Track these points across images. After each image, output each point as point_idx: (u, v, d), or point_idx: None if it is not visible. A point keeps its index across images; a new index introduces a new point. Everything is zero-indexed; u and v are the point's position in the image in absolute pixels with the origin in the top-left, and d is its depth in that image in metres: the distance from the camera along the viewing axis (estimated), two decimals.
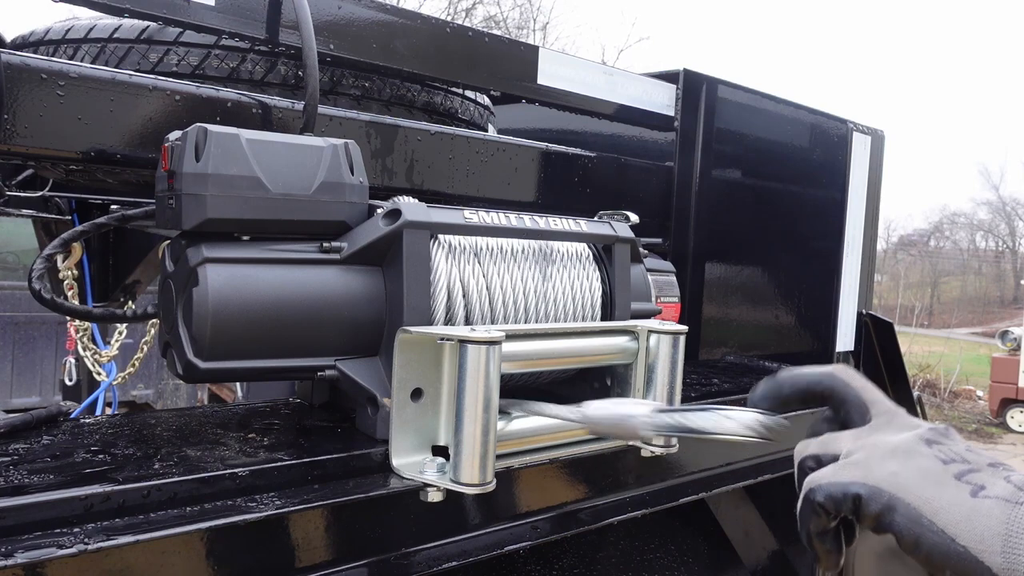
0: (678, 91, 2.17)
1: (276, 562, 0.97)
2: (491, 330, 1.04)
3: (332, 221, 1.15)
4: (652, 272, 1.55)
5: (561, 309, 1.31)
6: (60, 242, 1.23)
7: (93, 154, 1.17)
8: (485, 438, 1.03)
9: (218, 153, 1.04)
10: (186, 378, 1.06)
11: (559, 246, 1.34)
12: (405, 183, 1.53)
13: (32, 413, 1.13)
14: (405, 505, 1.10)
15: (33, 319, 6.02)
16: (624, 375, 1.32)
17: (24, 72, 1.10)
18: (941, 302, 38.09)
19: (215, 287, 1.03)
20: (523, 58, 1.79)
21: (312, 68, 1.28)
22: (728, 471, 1.67)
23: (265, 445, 1.10)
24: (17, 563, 0.77)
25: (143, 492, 0.91)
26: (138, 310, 1.31)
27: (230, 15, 1.34)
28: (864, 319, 2.12)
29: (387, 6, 1.54)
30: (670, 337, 1.27)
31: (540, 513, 1.27)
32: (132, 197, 1.97)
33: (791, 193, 2.18)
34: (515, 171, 1.74)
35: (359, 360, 1.16)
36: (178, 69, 1.50)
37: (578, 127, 2.37)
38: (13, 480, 0.90)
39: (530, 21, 19.74)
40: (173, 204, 1.06)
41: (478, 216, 1.22)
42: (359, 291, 1.15)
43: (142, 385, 6.01)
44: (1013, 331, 14.32)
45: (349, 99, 1.60)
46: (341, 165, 1.15)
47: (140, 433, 1.14)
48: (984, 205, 52.90)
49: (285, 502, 0.97)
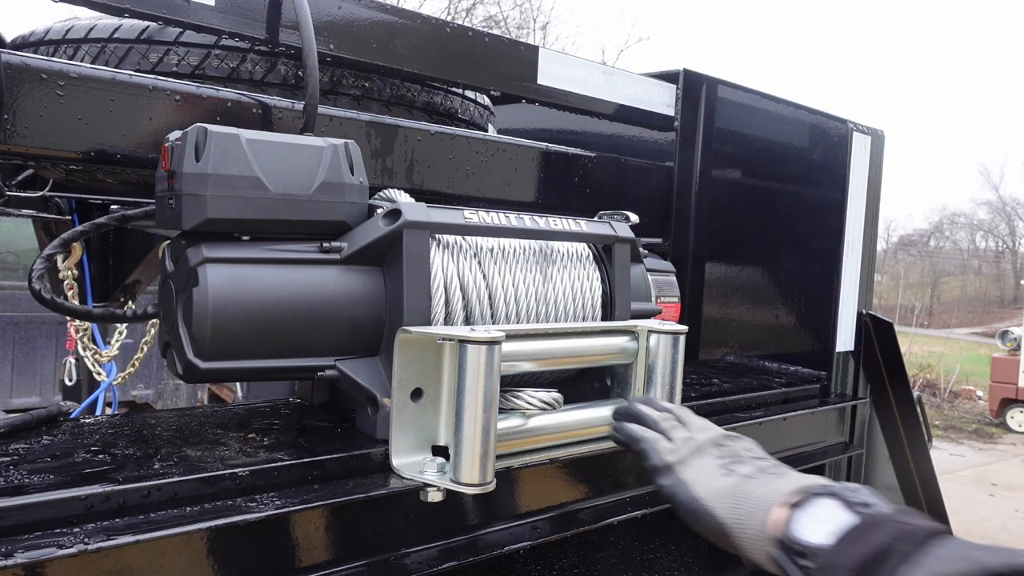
0: (678, 91, 2.17)
1: (276, 562, 0.97)
2: (491, 330, 1.04)
3: (332, 221, 1.15)
4: (652, 272, 1.55)
5: (561, 309, 1.31)
6: (60, 242, 1.23)
7: (93, 154, 1.17)
8: (485, 438, 1.03)
9: (218, 153, 1.04)
10: (186, 378, 1.06)
11: (559, 246, 1.34)
12: (405, 183, 1.53)
13: (32, 413, 1.13)
14: (405, 505, 1.10)
15: (33, 319, 6.02)
16: (624, 375, 1.32)
17: (24, 72, 1.10)
18: (941, 302, 38.07)
19: (215, 287, 1.03)
20: (523, 58, 1.79)
21: (312, 68, 1.28)
22: None
23: (265, 445, 1.10)
24: (17, 563, 0.77)
25: (143, 492, 0.91)
26: (138, 310, 1.31)
27: (230, 15, 1.34)
28: (864, 319, 2.12)
29: (387, 6, 1.54)
30: (670, 337, 1.27)
31: (540, 513, 1.27)
32: (132, 197, 1.97)
33: (791, 193, 2.17)
34: (515, 171, 1.74)
35: (359, 360, 1.16)
36: (178, 69, 1.50)
37: (578, 127, 2.37)
38: (13, 480, 0.90)
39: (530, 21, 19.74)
40: (173, 204, 1.06)
41: (478, 216, 1.22)
42: (359, 291, 1.15)
43: (142, 385, 6.01)
44: (1013, 331, 14.31)
45: (349, 99, 1.60)
46: (341, 165, 1.15)
47: (140, 433, 1.14)
48: (984, 205, 52.92)
49: (285, 502, 0.97)
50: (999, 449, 12.45)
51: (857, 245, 2.09)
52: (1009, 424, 13.76)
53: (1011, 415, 13.78)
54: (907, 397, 2.20)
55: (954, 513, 2.42)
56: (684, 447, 1.05)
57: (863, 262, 2.11)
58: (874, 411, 2.21)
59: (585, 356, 1.27)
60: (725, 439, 1.06)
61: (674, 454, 1.05)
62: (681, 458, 1.04)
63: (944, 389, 16.87)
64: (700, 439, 1.06)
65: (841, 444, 2.05)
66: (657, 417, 1.12)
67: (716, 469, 0.99)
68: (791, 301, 2.15)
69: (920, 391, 13.17)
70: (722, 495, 0.95)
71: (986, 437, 13.25)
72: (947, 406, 15.80)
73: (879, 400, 2.20)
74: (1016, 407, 13.75)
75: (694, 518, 0.98)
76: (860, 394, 2.14)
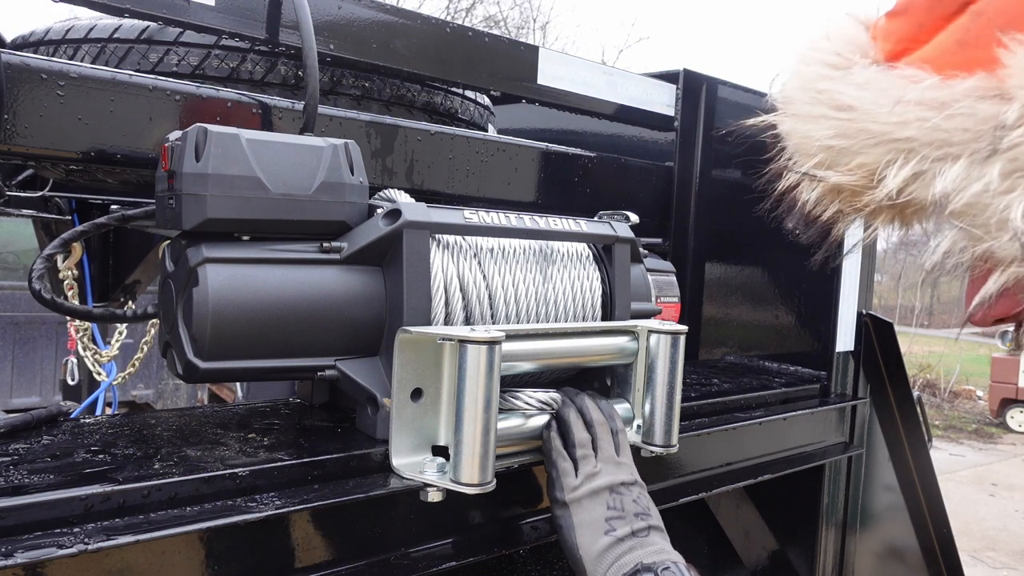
0: (678, 91, 2.17)
1: (276, 562, 0.97)
2: (491, 330, 1.04)
3: (332, 221, 1.15)
4: (652, 272, 1.55)
5: (561, 309, 1.31)
6: (60, 242, 1.23)
7: (93, 154, 1.17)
8: (485, 438, 1.03)
9: (218, 153, 1.04)
10: (186, 378, 1.06)
11: (559, 246, 1.34)
12: (405, 183, 1.53)
13: (32, 413, 1.13)
14: (405, 505, 1.10)
15: (33, 319, 6.02)
16: (624, 375, 1.32)
17: (24, 72, 1.10)
18: (941, 302, 38.07)
19: (215, 287, 1.03)
20: (523, 58, 1.79)
21: (312, 68, 1.28)
22: (728, 471, 1.67)
23: (265, 445, 1.10)
24: (17, 563, 0.77)
25: (143, 492, 0.91)
26: (138, 310, 1.31)
27: (230, 15, 1.34)
28: (864, 319, 2.12)
29: (387, 6, 1.54)
30: (670, 337, 1.27)
31: (540, 513, 1.27)
32: (132, 197, 1.97)
33: None
34: (515, 171, 1.74)
35: (359, 360, 1.16)
36: (178, 69, 1.50)
37: (578, 127, 2.37)
38: (13, 480, 0.90)
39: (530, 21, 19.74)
40: (173, 204, 1.06)
41: (478, 216, 1.22)
42: (359, 291, 1.15)
43: (142, 385, 6.01)
44: None
45: (349, 99, 1.60)
46: (341, 165, 1.15)
47: (140, 433, 1.14)
48: None
49: (285, 502, 0.97)
50: (999, 449, 12.45)
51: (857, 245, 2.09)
52: (1009, 424, 13.76)
53: (1011, 415, 13.79)
54: (907, 397, 2.20)
55: (954, 513, 2.42)
56: (584, 487, 1.12)
57: (863, 262, 2.11)
58: (874, 411, 2.21)
59: (585, 356, 1.27)
60: (621, 487, 1.13)
61: (573, 492, 1.12)
62: (577, 499, 1.12)
63: (944, 389, 16.87)
64: (598, 484, 1.12)
65: (841, 444, 2.06)
66: (578, 443, 1.15)
67: (601, 524, 1.09)
68: (791, 301, 2.15)
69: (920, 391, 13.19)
70: (595, 556, 1.08)
71: (986, 437, 13.25)
72: (947, 406, 15.80)
73: (879, 400, 2.20)
74: (1016, 407, 13.76)
75: (570, 560, 1.11)
76: (860, 394, 2.14)
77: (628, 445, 1.20)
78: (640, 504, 1.13)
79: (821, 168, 0.71)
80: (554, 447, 1.16)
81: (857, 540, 2.22)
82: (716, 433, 1.62)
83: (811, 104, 0.71)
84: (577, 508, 1.11)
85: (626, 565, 1.05)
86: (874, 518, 2.29)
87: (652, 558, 1.06)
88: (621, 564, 1.06)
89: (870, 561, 2.28)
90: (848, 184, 0.69)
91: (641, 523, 1.11)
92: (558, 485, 1.13)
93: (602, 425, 1.18)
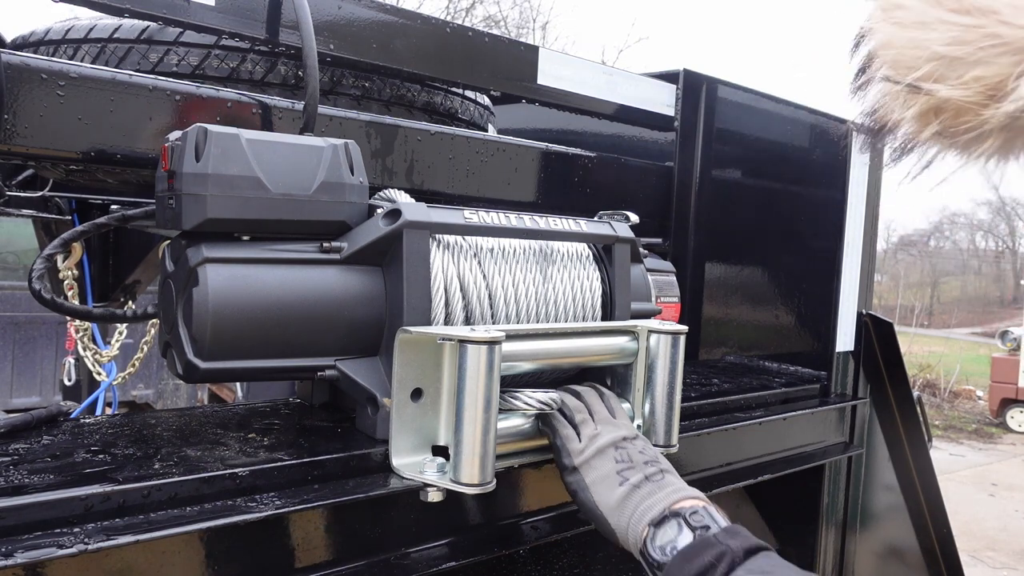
0: (678, 91, 2.17)
1: (276, 562, 0.97)
2: (491, 330, 1.04)
3: (332, 221, 1.15)
4: (652, 272, 1.55)
5: (561, 309, 1.31)
6: (60, 242, 1.23)
7: (93, 154, 1.17)
8: (485, 438, 1.03)
9: (218, 153, 1.04)
10: (186, 378, 1.06)
11: (559, 246, 1.34)
12: (405, 183, 1.53)
13: (32, 413, 1.13)
14: (405, 505, 1.10)
15: (33, 319, 6.02)
16: (624, 375, 1.32)
17: (24, 72, 1.10)
18: (941, 302, 38.08)
19: (215, 287, 1.03)
20: (523, 58, 1.79)
21: (312, 68, 1.28)
22: (728, 471, 1.67)
23: (265, 445, 1.10)
24: (17, 563, 0.77)
25: (143, 492, 0.91)
26: (138, 310, 1.31)
27: (230, 15, 1.34)
28: (864, 319, 2.12)
29: (387, 6, 1.54)
30: (670, 337, 1.27)
31: (540, 513, 1.27)
32: (132, 197, 1.97)
33: (791, 193, 2.17)
34: (515, 171, 1.74)
35: (359, 360, 1.16)
36: (178, 69, 1.50)
37: (578, 127, 2.37)
38: (13, 480, 0.90)
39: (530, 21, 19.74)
40: (173, 204, 1.06)
41: (478, 216, 1.22)
42: (359, 291, 1.15)
43: (142, 385, 6.01)
44: (1013, 331, 14.32)
45: (349, 99, 1.60)
46: (341, 165, 1.15)
47: (140, 433, 1.14)
48: (984, 205, 52.84)
49: (285, 502, 0.97)
50: (999, 449, 12.46)
51: (857, 245, 2.09)
52: (1009, 424, 13.77)
53: (1011, 415, 13.79)
54: (907, 397, 2.20)
55: (954, 513, 2.42)
56: (589, 448, 1.13)
57: (863, 262, 2.11)
58: (874, 411, 2.21)
59: (585, 356, 1.27)
60: (624, 441, 1.14)
61: (580, 455, 1.13)
62: (586, 460, 1.13)
63: (944, 389, 16.88)
64: (602, 443, 1.14)
65: (841, 444, 2.06)
66: (573, 409, 1.18)
67: (613, 477, 1.10)
68: (791, 301, 2.15)
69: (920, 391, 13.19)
70: (615, 505, 1.08)
71: (986, 437, 13.26)
72: (947, 406, 15.80)
73: (879, 400, 2.20)
74: (1016, 407, 13.76)
75: (593, 520, 1.11)
76: (860, 394, 2.14)
77: (621, 407, 1.23)
78: (647, 453, 1.14)
79: (927, 81, 0.61)
80: (555, 416, 1.18)
81: (857, 540, 2.22)
82: (716, 433, 1.62)
83: (924, 5, 0.61)
84: (587, 468, 1.12)
85: (651, 508, 1.04)
86: (874, 518, 2.29)
87: (674, 498, 1.04)
88: (645, 508, 1.05)
89: (870, 561, 2.28)
90: (958, 100, 0.60)
91: (652, 468, 1.11)
92: (564, 452, 1.14)
93: (589, 392, 1.22)
